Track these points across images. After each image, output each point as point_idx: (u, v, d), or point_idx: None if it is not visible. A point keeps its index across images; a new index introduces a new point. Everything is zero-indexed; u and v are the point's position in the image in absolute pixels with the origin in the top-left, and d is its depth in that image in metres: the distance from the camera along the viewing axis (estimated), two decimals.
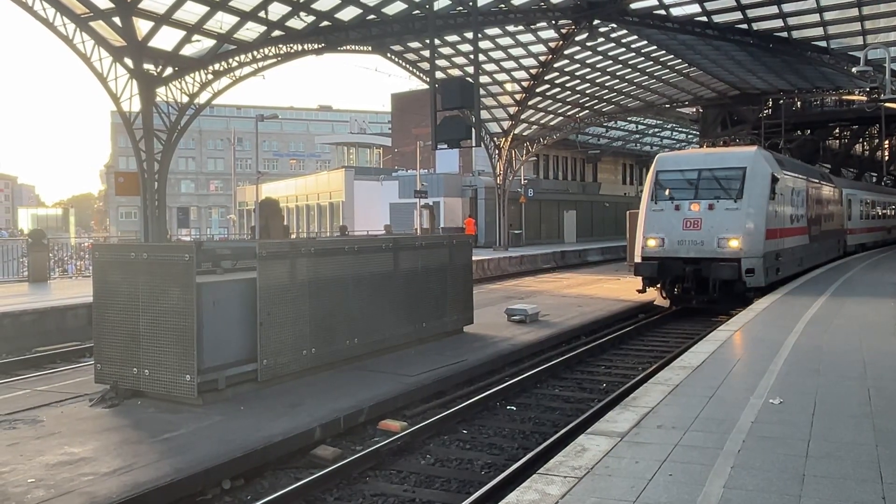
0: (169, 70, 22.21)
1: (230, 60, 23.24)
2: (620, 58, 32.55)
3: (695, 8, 24.45)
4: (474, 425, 9.26)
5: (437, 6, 21.95)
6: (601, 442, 5.93)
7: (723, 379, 8.20)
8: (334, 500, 6.91)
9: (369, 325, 11.33)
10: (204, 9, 20.64)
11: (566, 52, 30.98)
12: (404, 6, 23.33)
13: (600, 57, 32.23)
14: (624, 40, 29.92)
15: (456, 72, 31.04)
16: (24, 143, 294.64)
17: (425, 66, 28.76)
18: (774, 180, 17.54)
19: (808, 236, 21.94)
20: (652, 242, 17.46)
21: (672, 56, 32.83)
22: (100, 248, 10.13)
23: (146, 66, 21.54)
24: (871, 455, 5.60)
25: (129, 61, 21.07)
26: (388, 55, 29.53)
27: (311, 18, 22.89)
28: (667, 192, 17.77)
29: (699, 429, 6.31)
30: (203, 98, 23.36)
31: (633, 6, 24.52)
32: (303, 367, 9.99)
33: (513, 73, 33.70)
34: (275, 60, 23.89)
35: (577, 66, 33.46)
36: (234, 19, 21.70)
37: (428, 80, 21.43)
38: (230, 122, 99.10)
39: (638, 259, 17.89)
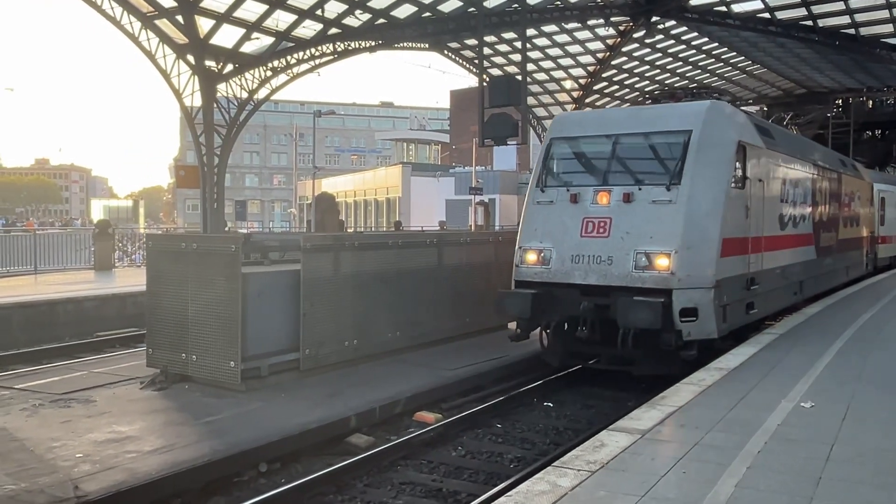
0: (229, 67, 22.82)
1: (288, 57, 23.75)
2: (681, 55, 31.99)
3: (757, 4, 23.89)
4: (509, 420, 9.38)
5: (490, 4, 22.05)
6: (621, 438, 5.99)
7: (757, 382, 8.12)
8: (363, 486, 7.13)
9: (412, 319, 11.55)
10: (263, 7, 21.14)
11: (624, 49, 30.62)
12: (459, 3, 23.44)
13: (660, 54, 31.74)
14: (684, 37, 29.40)
15: (512, 69, 30.96)
16: (99, 137, 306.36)
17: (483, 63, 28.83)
18: (745, 155, 11.07)
19: (814, 248, 15.37)
20: (531, 257, 10.80)
21: (734, 53, 32.12)
22: (153, 239, 10.60)
23: (207, 62, 22.17)
24: (893, 461, 5.52)
25: (191, 58, 21.72)
26: (445, 52, 29.67)
27: (367, 16, 23.21)
28: (560, 174, 11.27)
29: (722, 429, 6.31)
30: (262, 94, 23.95)
31: (693, 2, 24.13)
32: (344, 357, 10.26)
33: (570, 70, 33.48)
34: (331, 57, 24.32)
35: (636, 63, 33.03)
36: (291, 17, 22.17)
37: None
38: (293, 118, 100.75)
39: (511, 285, 11.13)
